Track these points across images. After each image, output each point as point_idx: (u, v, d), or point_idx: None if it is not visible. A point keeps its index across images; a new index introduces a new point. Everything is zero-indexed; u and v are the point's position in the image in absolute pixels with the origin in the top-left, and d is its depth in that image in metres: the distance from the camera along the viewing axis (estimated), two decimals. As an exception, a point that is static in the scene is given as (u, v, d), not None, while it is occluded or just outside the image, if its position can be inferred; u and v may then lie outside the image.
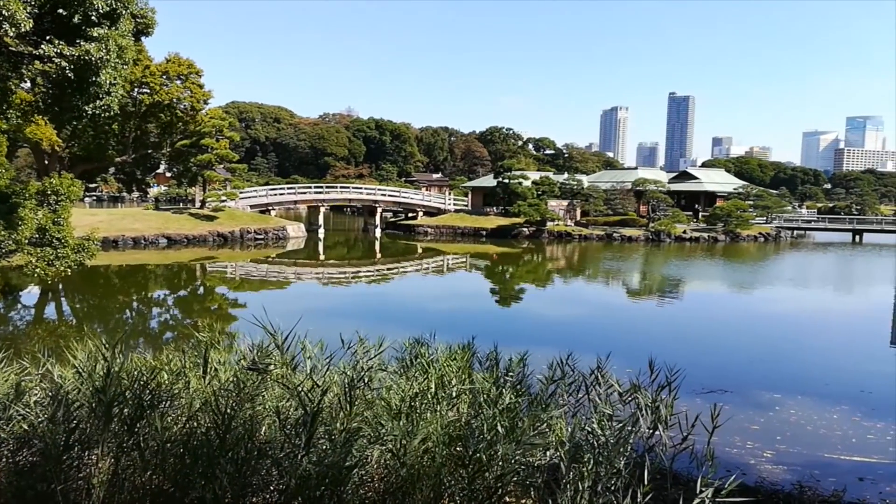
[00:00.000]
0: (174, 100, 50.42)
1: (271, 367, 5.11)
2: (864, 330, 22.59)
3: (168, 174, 66.20)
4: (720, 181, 75.91)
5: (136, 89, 48.21)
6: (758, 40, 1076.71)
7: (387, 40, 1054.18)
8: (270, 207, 60.17)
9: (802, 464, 9.19)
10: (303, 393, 4.56)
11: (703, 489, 4.45)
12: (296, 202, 64.67)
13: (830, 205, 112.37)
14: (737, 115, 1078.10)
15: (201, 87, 51.94)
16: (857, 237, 65.64)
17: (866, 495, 8.06)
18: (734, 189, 69.03)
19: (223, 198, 52.87)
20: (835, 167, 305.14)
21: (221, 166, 55.69)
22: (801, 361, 16.84)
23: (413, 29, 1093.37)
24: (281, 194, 63.63)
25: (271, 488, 4.42)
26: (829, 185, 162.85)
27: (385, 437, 4.50)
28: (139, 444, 4.51)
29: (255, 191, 63.76)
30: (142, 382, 4.77)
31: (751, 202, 65.12)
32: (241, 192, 57.19)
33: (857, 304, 29.14)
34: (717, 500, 4.40)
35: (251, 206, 58.10)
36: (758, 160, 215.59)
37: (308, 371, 5.52)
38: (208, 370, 5.40)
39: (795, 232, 68.33)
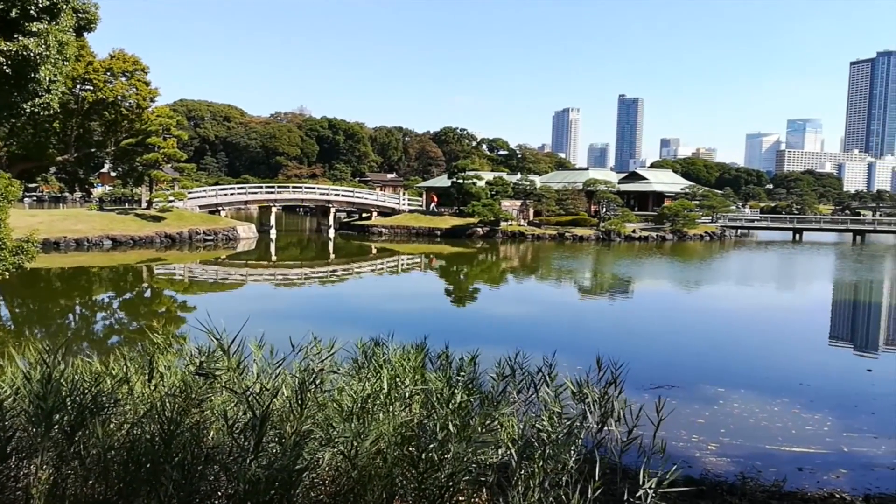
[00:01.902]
0: (119, 97, 48.87)
1: (219, 371, 5.03)
2: (804, 325, 23.49)
3: (113, 174, 64.07)
4: (668, 181, 77.84)
5: (78, 86, 46.55)
6: (704, 44, 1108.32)
7: (339, 39, 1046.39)
8: (220, 208, 58.98)
9: (745, 455, 9.51)
10: (252, 396, 4.51)
11: (649, 481, 4.56)
12: (247, 202, 63.57)
13: (772, 204, 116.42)
14: (684, 117, 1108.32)
15: (147, 84, 50.53)
16: (797, 236, 68.19)
17: (805, 484, 8.39)
18: (681, 189, 70.90)
19: (171, 198, 51.58)
20: (776, 168, 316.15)
21: (169, 166, 54.30)
22: (745, 356, 17.42)
23: (366, 28, 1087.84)
24: (231, 194, 62.44)
25: (219, 493, 4.35)
26: (771, 186, 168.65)
27: (336, 439, 4.48)
28: (80, 452, 4.38)
29: (205, 191, 62.41)
30: (83, 388, 4.63)
31: (697, 202, 66.98)
32: (189, 193, 55.87)
33: (797, 301, 30.27)
34: (662, 491, 4.52)
35: (200, 207, 56.85)
36: (704, 161, 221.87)
37: (257, 374, 5.46)
38: (154, 375, 5.27)
39: (739, 231, 70.55)
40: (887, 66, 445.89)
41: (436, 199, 71.61)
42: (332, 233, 62.12)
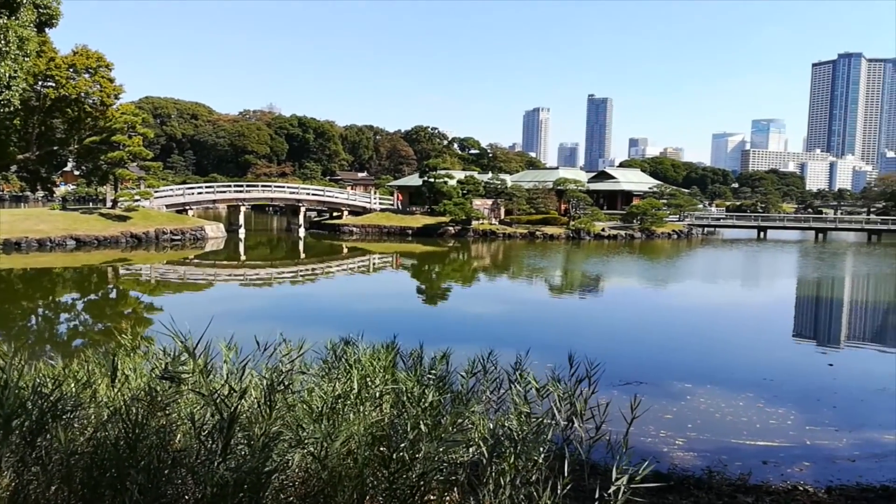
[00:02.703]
0: (82, 94, 47.83)
1: (186, 373, 4.95)
2: (769, 321, 23.99)
3: (76, 172, 62.74)
4: (636, 181, 78.82)
5: (40, 83, 45.44)
6: (671, 45, 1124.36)
7: (309, 37, 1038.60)
8: (188, 207, 58.13)
9: (712, 449, 9.68)
10: (219, 398, 4.45)
11: (618, 477, 4.62)
12: (215, 201, 62.75)
13: (738, 203, 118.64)
14: (652, 117, 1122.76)
15: (112, 80, 49.53)
16: (762, 234, 69.64)
17: (769, 477, 8.56)
18: (649, 188, 71.88)
19: (136, 197, 50.64)
20: (742, 167, 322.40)
21: (134, 164, 53.31)
22: (711, 352, 17.74)
23: (336, 26, 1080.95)
24: (199, 193, 61.57)
25: (186, 497, 4.29)
26: (736, 185, 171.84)
27: (306, 440, 4.45)
28: (42, 457, 4.28)
29: (172, 190, 61.45)
30: (45, 392, 4.53)
31: (665, 201, 67.97)
32: (155, 191, 54.96)
33: (761, 297, 30.90)
34: (631, 486, 4.57)
35: (167, 206, 55.95)
36: (671, 160, 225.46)
37: (226, 376, 5.39)
38: (118, 378, 5.17)
39: (706, 229, 71.77)
40: (848, 68, 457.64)
41: (401, 196, 71.75)
42: (302, 232, 61.64)
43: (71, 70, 47.18)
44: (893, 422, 11.36)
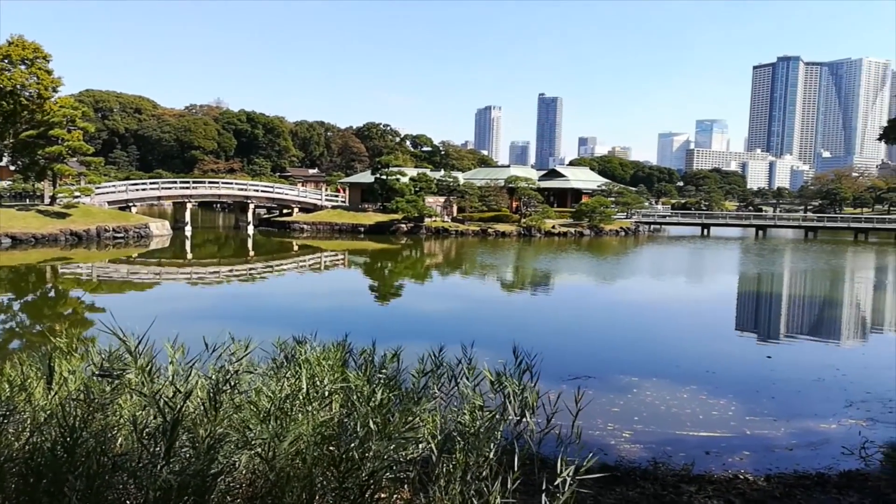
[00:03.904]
0: (18, 86, 45.84)
1: (127, 373, 4.81)
2: (712, 315, 24.73)
3: (12, 167, 60.02)
4: (586, 179, 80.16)
5: (-30, 73, 43.38)
6: (620, 46, 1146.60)
7: (258, 31, 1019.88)
8: (131, 204, 56.40)
9: (657, 441, 9.93)
10: (163, 399, 4.34)
11: (566, 469, 4.69)
12: (160, 198, 60.98)
13: (683, 201, 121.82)
14: (601, 117, 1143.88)
15: (50, 73, 47.59)
16: (706, 231, 71.72)
17: (711, 467, 8.84)
18: (598, 186, 73.18)
19: (76, 193, 48.86)
20: (686, 166, 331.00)
21: (74, 159, 51.39)
22: (657, 345, 18.18)
23: (285, 21, 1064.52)
24: (143, 190, 59.79)
25: (128, 503, 4.17)
26: (681, 183, 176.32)
27: (253, 441, 4.38)
28: (-27, 465, 4.10)
29: (114, 186, 59.52)
30: (-24, 397, 4.33)
31: (613, 199, 69.36)
32: (97, 188, 53.11)
33: (705, 293, 31.83)
34: (579, 478, 4.66)
35: (109, 203, 54.17)
36: (619, 159, 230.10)
37: (172, 376, 5.26)
38: (55, 380, 4.99)
39: (652, 226, 73.50)
40: (787, 71, 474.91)
41: (342, 189, 71.94)
42: (251, 230, 60.54)
43: (6, 61, 45.19)
44: (829, 411, 11.85)
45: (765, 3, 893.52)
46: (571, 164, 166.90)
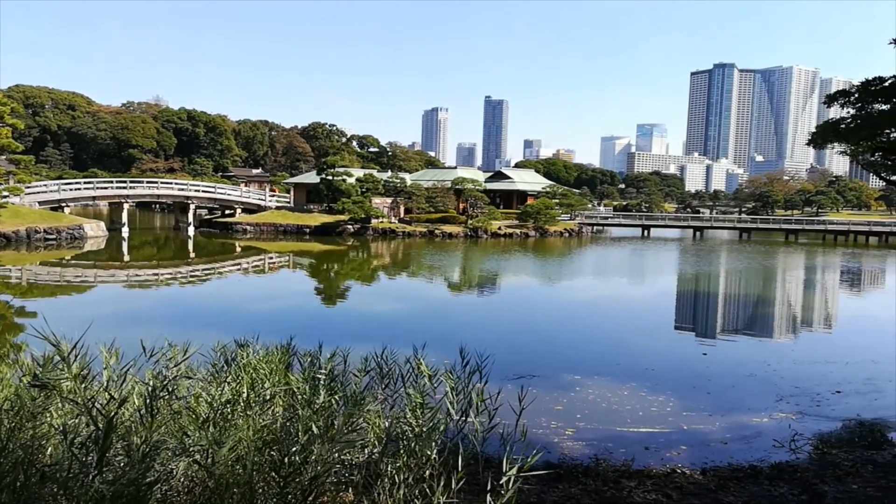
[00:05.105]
0: (-62, 79, 43.49)
1: (59, 380, 4.63)
2: (651, 314, 25.43)
3: (-68, 165, 56.93)
4: (531, 181, 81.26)
5: None
6: (564, 50, 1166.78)
7: (200, 27, 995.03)
8: (64, 204, 54.19)
9: (598, 438, 10.15)
10: (96, 407, 4.20)
11: (510, 468, 4.75)
12: (95, 198, 58.76)
13: (624, 203, 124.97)
14: (546, 120, 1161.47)
15: (-26, 66, 45.36)
16: (646, 232, 73.68)
17: (650, 462, 9.09)
18: (543, 188, 74.28)
19: (4, 193, 46.56)
20: (628, 169, 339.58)
21: (2, 157, 49.08)
22: (599, 344, 18.59)
23: (229, 18, 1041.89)
24: (77, 189, 57.47)
25: (59, 515, 4.02)
26: (623, 185, 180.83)
27: (191, 448, 4.28)
28: None
29: (46, 185, 57.03)
30: None
31: (557, 201, 70.48)
32: (27, 187, 50.78)
33: (645, 292, 32.70)
34: (523, 476, 4.72)
35: (40, 203, 51.90)
36: (563, 162, 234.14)
37: (106, 382, 5.08)
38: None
39: (595, 228, 75.06)
40: (723, 77, 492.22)
41: (276, 190, 71.46)
42: (191, 231, 59.00)
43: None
44: (761, 405, 12.34)
45: (702, 9, 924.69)
46: (517, 166, 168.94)
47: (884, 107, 14.89)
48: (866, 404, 12.48)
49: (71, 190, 56.57)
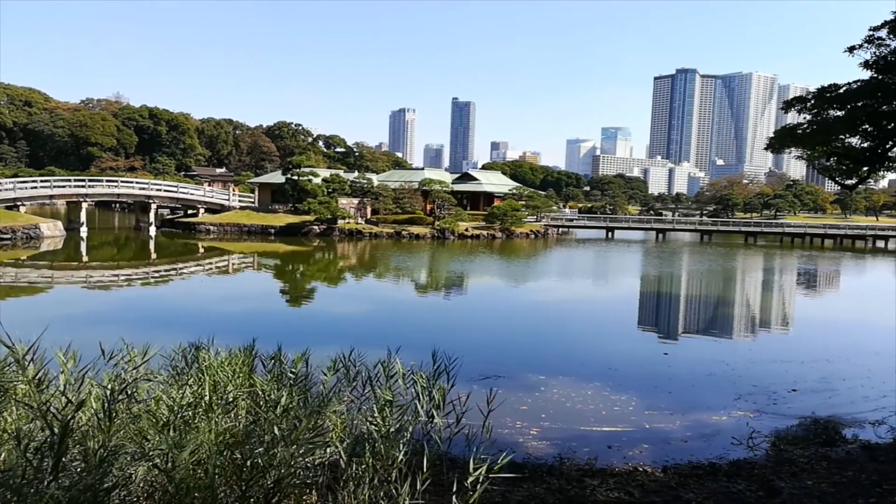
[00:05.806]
0: None
1: (13, 384, 4.51)
2: (615, 315, 25.78)
3: None
4: (498, 183, 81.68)
5: None
6: (530, 53, 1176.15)
7: (162, 24, 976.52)
8: (20, 203, 52.67)
9: (563, 437, 10.26)
10: (52, 411, 4.09)
11: (475, 469, 4.78)
12: (52, 197, 57.22)
13: (589, 205, 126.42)
14: (512, 122, 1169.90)
15: (-76, 59, 43.76)
16: (610, 234, 74.64)
17: (613, 461, 9.23)
18: (509, 190, 74.74)
19: (-44, 191, 45.14)
20: (593, 171, 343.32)
21: (-47, 154, 47.50)
22: (563, 345, 18.78)
23: (191, 14, 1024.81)
24: (33, 188, 55.90)
25: (11, 522, 3.90)
26: (588, 188, 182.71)
27: (151, 452, 4.20)
28: None
29: (0, 183, 55.36)
30: None
31: (524, 202, 70.99)
32: (-20, 185, 49.28)
33: (609, 293, 33.12)
34: (489, 477, 4.75)
35: (-6, 201, 50.36)
36: (530, 164, 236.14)
37: (64, 386, 4.96)
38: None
39: (560, 229, 75.73)
40: (685, 82, 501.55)
41: (236, 189, 70.88)
42: (153, 231, 57.85)
43: None
44: (720, 404, 12.61)
45: (665, 13, 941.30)
46: (484, 167, 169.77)
47: (838, 113, 15.34)
48: (821, 402, 12.85)
49: (27, 188, 55.00)
